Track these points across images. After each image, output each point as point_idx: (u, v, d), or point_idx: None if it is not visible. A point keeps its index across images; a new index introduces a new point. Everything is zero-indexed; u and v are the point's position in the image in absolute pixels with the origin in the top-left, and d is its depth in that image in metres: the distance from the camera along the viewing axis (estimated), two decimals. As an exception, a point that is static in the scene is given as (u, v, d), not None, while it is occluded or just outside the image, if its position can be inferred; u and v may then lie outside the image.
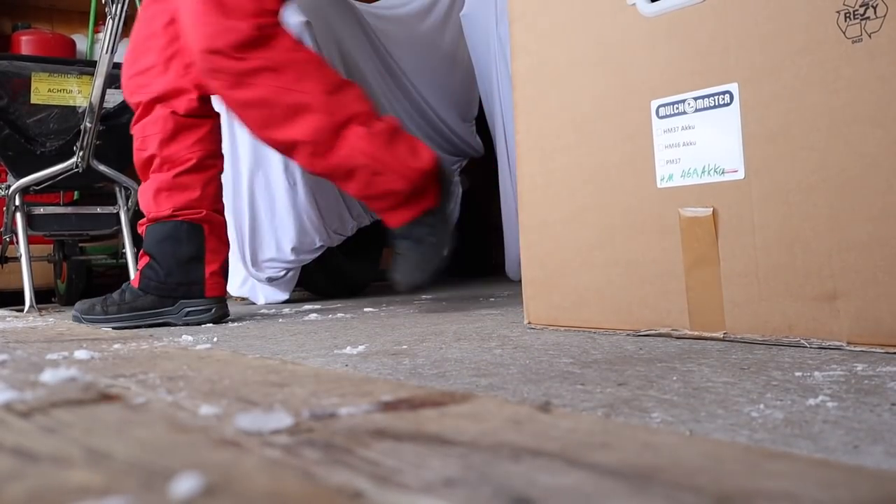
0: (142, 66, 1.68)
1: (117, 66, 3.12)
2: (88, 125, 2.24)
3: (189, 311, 1.62)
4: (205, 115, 1.70)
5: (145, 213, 1.68)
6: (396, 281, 1.59)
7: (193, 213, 1.67)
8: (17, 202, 2.35)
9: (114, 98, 2.36)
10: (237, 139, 2.14)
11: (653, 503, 0.23)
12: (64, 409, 0.40)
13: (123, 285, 1.68)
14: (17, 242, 2.45)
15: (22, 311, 2.31)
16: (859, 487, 0.24)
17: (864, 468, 0.27)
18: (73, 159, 2.31)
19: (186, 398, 0.44)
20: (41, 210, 2.49)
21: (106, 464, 0.29)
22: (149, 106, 1.66)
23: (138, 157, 1.69)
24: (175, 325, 1.62)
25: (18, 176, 2.36)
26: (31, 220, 2.41)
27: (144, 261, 1.67)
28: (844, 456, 0.44)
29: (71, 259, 2.98)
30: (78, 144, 2.30)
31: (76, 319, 1.61)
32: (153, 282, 1.63)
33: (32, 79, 2.33)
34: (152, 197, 1.65)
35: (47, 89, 2.35)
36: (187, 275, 1.64)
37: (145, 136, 1.66)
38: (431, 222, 1.57)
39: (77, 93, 2.41)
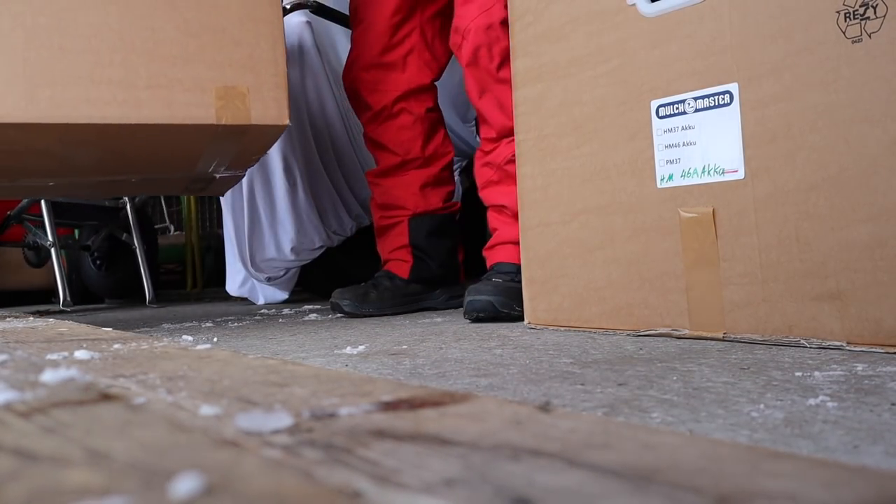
0: (374, 62, 1.70)
1: None
2: None
3: (450, 297, 1.73)
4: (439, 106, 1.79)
5: (407, 207, 1.72)
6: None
7: (454, 206, 1.78)
8: None
9: None
10: (237, 139, 2.14)
11: (653, 503, 0.23)
12: (64, 410, 0.40)
13: (385, 274, 1.72)
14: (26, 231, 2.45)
15: (54, 307, 2.30)
16: (860, 487, 0.24)
17: (865, 468, 0.27)
18: None
19: (186, 398, 0.44)
20: (59, 198, 2.48)
21: (106, 464, 0.29)
22: (392, 106, 1.70)
23: (391, 158, 1.72)
24: (437, 308, 1.72)
25: None
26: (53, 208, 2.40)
27: (405, 252, 1.72)
28: (844, 456, 0.44)
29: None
30: None
31: (347, 309, 1.61)
32: (424, 272, 1.71)
33: None
34: (418, 191, 1.72)
35: None
36: (450, 263, 1.76)
37: (403, 140, 1.71)
38: None
39: None
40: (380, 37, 1.69)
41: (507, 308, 1.33)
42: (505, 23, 1.36)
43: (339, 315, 1.65)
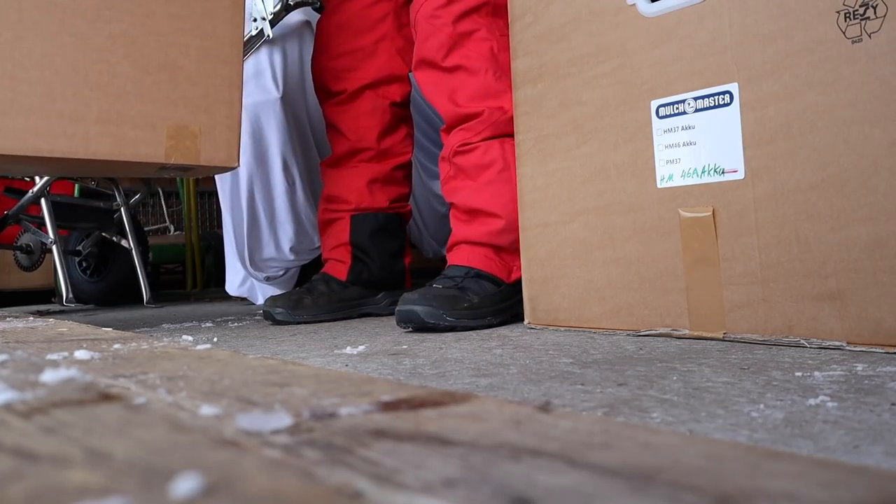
0: (342, 50, 1.63)
1: None
2: None
3: (393, 303, 1.61)
4: (409, 104, 1.70)
5: (350, 201, 1.63)
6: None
7: (403, 207, 1.69)
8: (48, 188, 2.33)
9: None
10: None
11: (653, 503, 0.23)
12: (64, 409, 0.40)
13: (321, 277, 1.63)
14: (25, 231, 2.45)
15: (53, 306, 2.29)
16: (860, 487, 0.24)
17: (866, 468, 0.27)
18: None
19: (186, 398, 0.44)
20: (58, 198, 2.47)
21: (106, 464, 0.29)
22: (356, 94, 1.63)
23: (344, 144, 1.64)
24: (381, 315, 1.63)
25: None
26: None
27: (344, 252, 1.63)
28: (844, 456, 0.44)
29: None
30: None
31: (279, 318, 1.53)
32: (364, 274, 1.63)
33: None
34: (365, 186, 1.63)
35: None
36: (394, 266, 1.67)
37: (358, 126, 1.63)
38: None
39: None
40: (349, 22, 1.62)
41: (435, 318, 1.21)
42: (447, 6, 1.32)
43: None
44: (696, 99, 1.00)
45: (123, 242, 2.61)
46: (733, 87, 0.95)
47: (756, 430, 0.51)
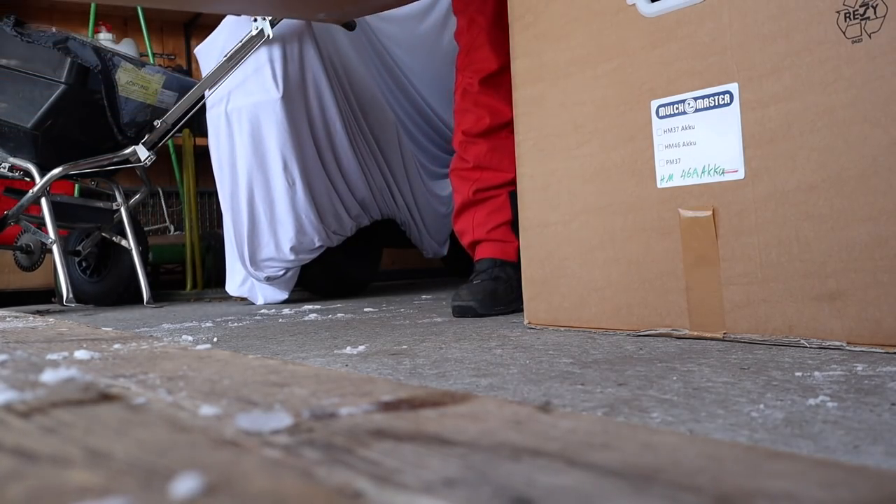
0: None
1: (178, 69, 3.12)
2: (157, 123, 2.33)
3: None
4: None
5: (509, 170, 1.54)
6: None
7: None
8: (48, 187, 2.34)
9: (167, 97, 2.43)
10: (235, 138, 2.14)
11: (653, 503, 0.23)
12: (64, 410, 0.40)
13: (492, 262, 1.56)
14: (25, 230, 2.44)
15: (53, 305, 2.28)
16: (860, 487, 0.24)
17: (865, 468, 0.27)
18: (148, 153, 2.34)
19: (186, 398, 0.44)
20: (58, 198, 2.47)
21: (106, 464, 0.29)
22: None
23: (499, 115, 1.57)
24: None
25: (56, 161, 2.34)
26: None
27: (506, 231, 1.57)
28: (844, 456, 0.44)
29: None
30: (148, 139, 2.36)
31: (481, 311, 1.47)
32: None
33: (120, 68, 2.34)
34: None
35: (127, 81, 2.36)
36: None
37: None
38: None
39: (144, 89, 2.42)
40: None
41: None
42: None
43: (339, 315, 1.62)
44: (696, 99, 1.00)
45: (123, 242, 2.61)
46: (733, 87, 0.95)
47: (756, 430, 0.51)
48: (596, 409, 0.59)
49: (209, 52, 2.25)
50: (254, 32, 2.06)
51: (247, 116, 2.11)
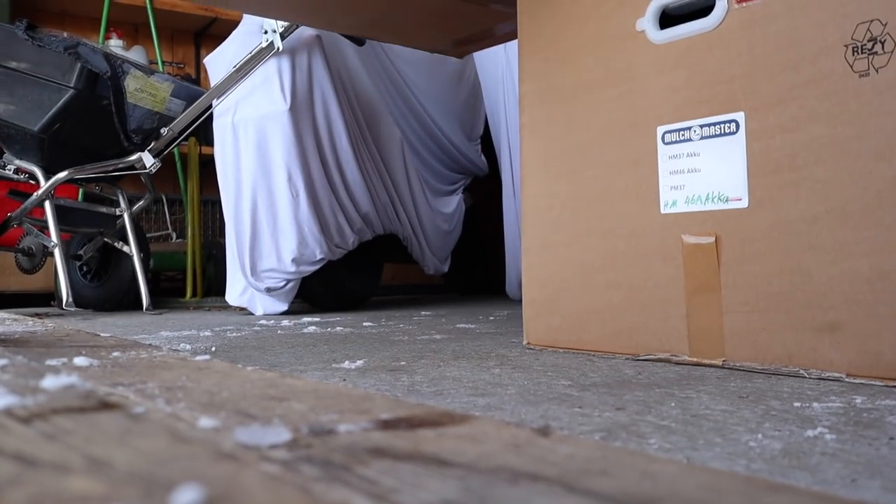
0: None
1: (187, 78, 3.14)
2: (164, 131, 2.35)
3: None
4: None
5: None
6: None
7: None
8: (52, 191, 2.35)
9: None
10: (241, 148, 2.15)
11: (651, 532, 0.23)
12: (64, 416, 0.40)
13: None
14: (27, 232, 2.45)
15: (52, 308, 2.28)
16: (857, 524, 0.24)
17: (863, 503, 0.27)
18: (153, 160, 2.35)
19: (185, 409, 0.44)
20: (61, 202, 2.48)
21: (106, 472, 0.29)
22: None
23: None
24: None
25: (61, 164, 2.35)
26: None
27: None
28: (842, 489, 0.44)
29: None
30: (154, 146, 2.37)
31: None
32: None
33: (130, 75, 2.35)
34: None
35: (135, 88, 2.37)
36: None
37: None
38: None
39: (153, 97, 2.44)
40: None
41: None
42: None
43: (338, 329, 1.63)
44: (702, 126, 1.00)
45: (125, 248, 2.61)
46: (739, 116, 0.96)
47: (754, 459, 0.51)
48: (594, 433, 0.59)
49: (219, 63, 2.27)
50: (264, 44, 2.08)
51: (253, 127, 2.12)
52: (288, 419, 0.41)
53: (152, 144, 2.39)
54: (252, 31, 2.16)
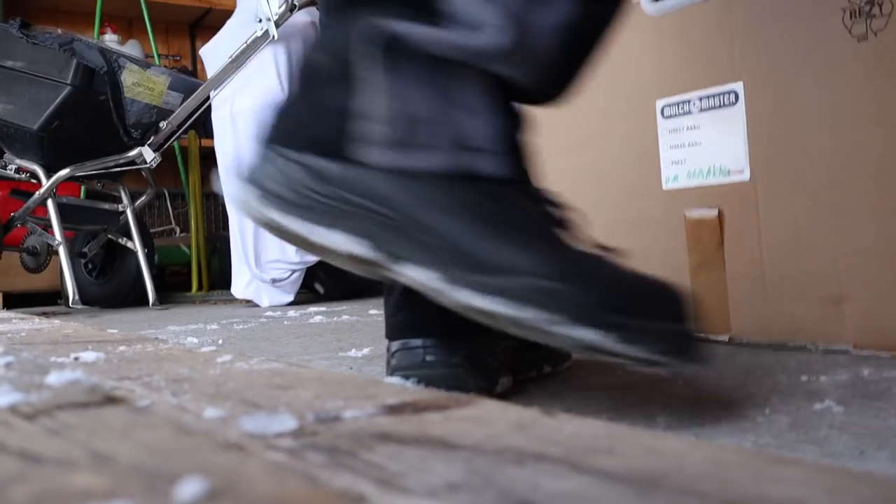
0: None
1: (184, 70, 3.15)
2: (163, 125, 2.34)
3: None
4: None
5: None
6: None
7: None
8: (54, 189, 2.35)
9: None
10: (240, 137, 2.14)
11: (658, 509, 0.23)
12: (69, 412, 0.40)
13: None
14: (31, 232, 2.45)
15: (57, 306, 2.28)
16: (865, 494, 0.24)
17: (872, 474, 0.27)
18: (154, 155, 2.35)
19: (191, 400, 0.44)
20: (64, 200, 2.48)
21: (110, 466, 0.29)
22: None
23: None
24: None
25: (62, 162, 2.34)
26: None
27: None
28: (850, 461, 0.44)
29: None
30: (153, 140, 2.37)
31: None
32: None
33: (126, 69, 2.35)
34: None
35: (132, 82, 2.36)
36: None
37: None
38: None
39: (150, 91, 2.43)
40: None
41: None
42: None
43: (344, 318, 1.64)
44: (701, 99, 0.99)
45: (129, 244, 2.62)
46: (738, 87, 0.95)
47: (762, 434, 0.51)
48: (600, 413, 0.59)
49: (214, 53, 2.26)
50: (259, 33, 2.07)
51: (251, 118, 2.12)
52: (294, 407, 0.41)
53: (152, 139, 2.39)
54: (247, 21, 2.15)
